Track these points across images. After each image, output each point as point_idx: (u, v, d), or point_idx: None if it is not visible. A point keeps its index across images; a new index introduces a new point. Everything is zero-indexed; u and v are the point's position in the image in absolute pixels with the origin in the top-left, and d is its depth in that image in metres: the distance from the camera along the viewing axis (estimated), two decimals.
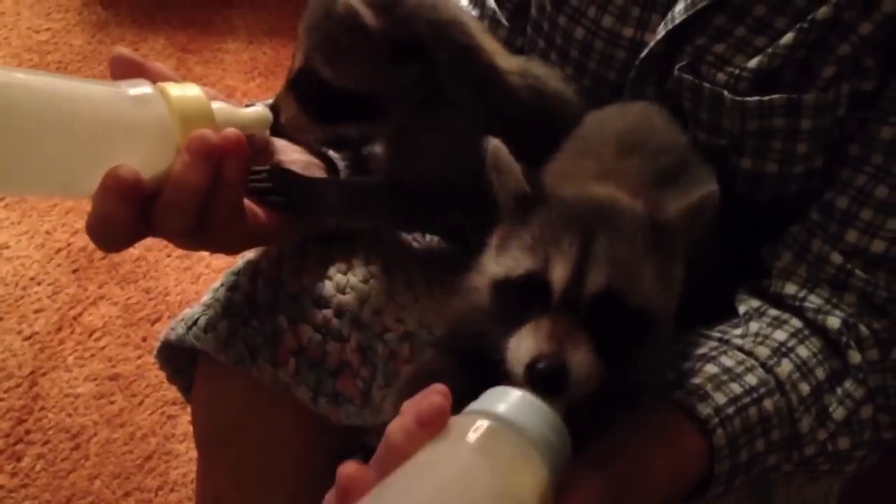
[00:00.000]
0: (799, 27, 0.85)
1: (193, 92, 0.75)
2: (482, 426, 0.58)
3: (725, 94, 0.89)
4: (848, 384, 0.85)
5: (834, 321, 0.86)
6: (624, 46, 0.97)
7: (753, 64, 0.88)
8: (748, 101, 0.88)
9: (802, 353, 0.85)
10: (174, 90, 0.74)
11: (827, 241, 0.88)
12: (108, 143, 0.71)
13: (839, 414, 0.83)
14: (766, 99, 0.87)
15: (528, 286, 0.69)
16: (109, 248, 0.74)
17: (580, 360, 0.66)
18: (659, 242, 0.71)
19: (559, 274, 0.68)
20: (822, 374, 0.84)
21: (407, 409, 0.60)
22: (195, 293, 1.98)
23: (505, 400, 0.60)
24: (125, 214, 0.70)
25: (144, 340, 1.90)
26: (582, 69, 1.00)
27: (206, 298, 0.96)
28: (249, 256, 0.96)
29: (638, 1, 0.95)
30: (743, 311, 0.90)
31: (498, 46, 0.93)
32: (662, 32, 0.92)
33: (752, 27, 0.89)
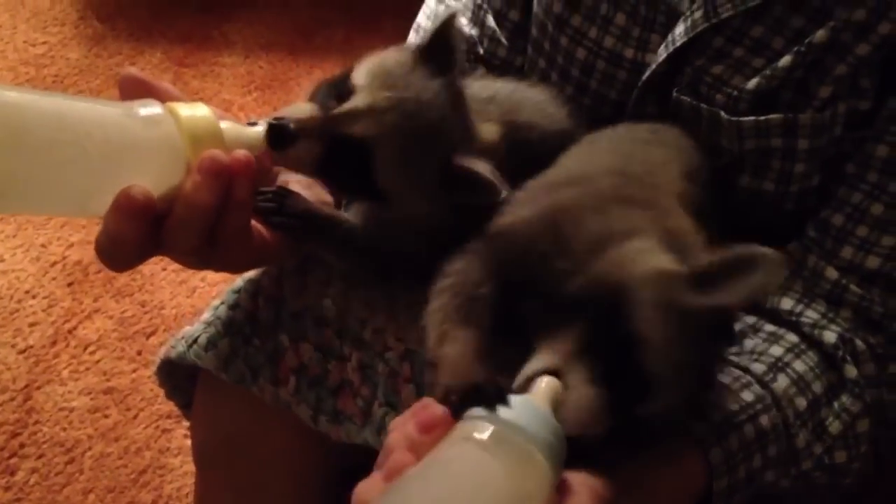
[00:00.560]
0: (796, 50, 0.87)
1: (202, 112, 0.76)
2: (489, 428, 0.60)
3: (722, 114, 0.90)
4: (844, 398, 0.86)
5: (830, 335, 0.87)
6: (625, 67, 0.98)
7: (752, 85, 0.89)
8: (744, 120, 0.90)
9: (799, 367, 0.86)
10: (184, 110, 0.75)
11: (823, 257, 0.90)
12: (119, 163, 0.71)
13: (835, 428, 0.85)
14: (762, 119, 0.89)
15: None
16: (118, 266, 0.74)
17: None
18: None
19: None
20: (818, 388, 0.85)
21: (404, 419, 0.62)
22: (190, 307, 1.98)
23: (508, 405, 0.62)
24: (136, 233, 0.71)
25: (139, 354, 1.90)
26: (583, 88, 1.01)
27: (206, 316, 0.96)
28: (250, 275, 0.97)
29: (638, 21, 0.96)
30: (738, 328, 0.91)
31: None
32: (664, 54, 0.93)
33: (749, 48, 0.90)
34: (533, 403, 0.63)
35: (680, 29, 0.92)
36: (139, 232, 0.71)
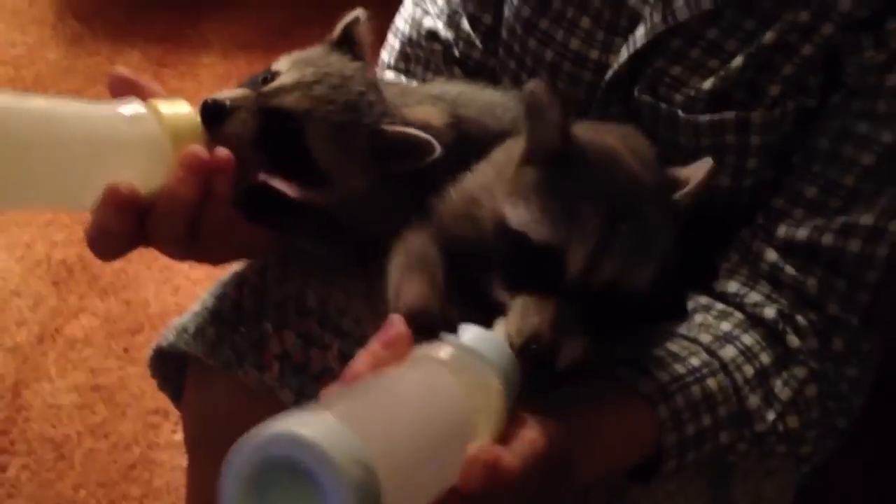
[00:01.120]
0: (748, 52, 0.91)
1: (183, 109, 0.80)
2: (449, 349, 0.65)
3: (679, 113, 0.94)
4: (791, 366, 0.90)
5: (770, 311, 0.91)
6: (590, 68, 1.01)
7: (707, 85, 0.93)
8: (700, 119, 0.94)
9: (746, 340, 0.90)
10: (165, 108, 0.78)
11: (763, 239, 0.93)
12: (104, 161, 0.75)
13: (785, 394, 0.88)
14: (717, 117, 0.93)
15: (542, 257, 0.73)
16: (107, 256, 0.79)
17: (571, 349, 0.72)
18: (667, 217, 0.76)
19: (576, 258, 0.72)
20: (766, 358, 0.89)
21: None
22: (175, 304, 2.01)
23: (469, 333, 0.67)
24: (123, 226, 0.75)
25: (126, 351, 1.93)
26: None
27: (195, 307, 1.00)
28: (235, 267, 1.00)
29: (602, 25, 0.99)
30: (691, 307, 0.95)
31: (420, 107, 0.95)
32: (626, 55, 0.97)
33: (705, 50, 0.94)
34: (492, 335, 0.68)
35: (640, 31, 0.95)
36: (126, 224, 0.76)
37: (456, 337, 0.67)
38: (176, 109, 0.79)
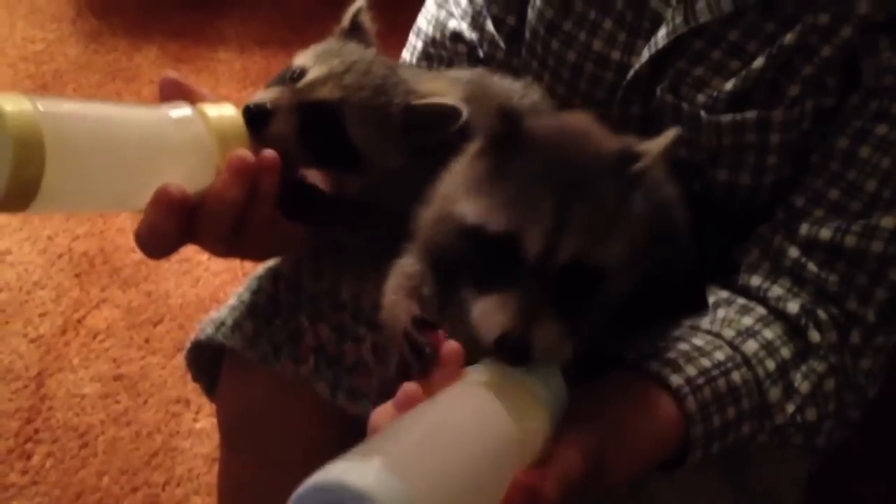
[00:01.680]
0: (768, 52, 0.93)
1: (229, 112, 0.84)
2: (498, 374, 0.68)
3: (702, 113, 0.97)
4: (811, 361, 0.92)
5: (794, 306, 0.94)
6: (612, 69, 1.04)
7: (729, 86, 0.96)
8: (723, 118, 0.96)
9: (768, 335, 0.92)
10: (212, 111, 0.82)
11: (786, 236, 0.96)
12: (155, 163, 0.79)
13: (804, 388, 0.91)
14: (738, 117, 0.96)
15: (501, 247, 0.73)
16: (155, 254, 0.83)
17: (544, 334, 0.71)
18: (624, 189, 0.76)
19: (533, 242, 0.72)
20: (786, 352, 0.92)
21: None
22: (195, 296, 2.05)
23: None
24: (172, 225, 0.79)
25: (147, 342, 1.97)
26: (573, 88, 1.07)
27: (232, 302, 1.04)
28: (270, 263, 1.04)
29: (624, 27, 1.02)
30: (713, 300, 0.98)
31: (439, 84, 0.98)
32: (647, 56, 0.99)
33: (726, 51, 0.97)
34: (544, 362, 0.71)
35: (662, 32, 0.98)
36: (175, 224, 0.79)
37: (506, 364, 0.70)
38: (222, 112, 0.83)
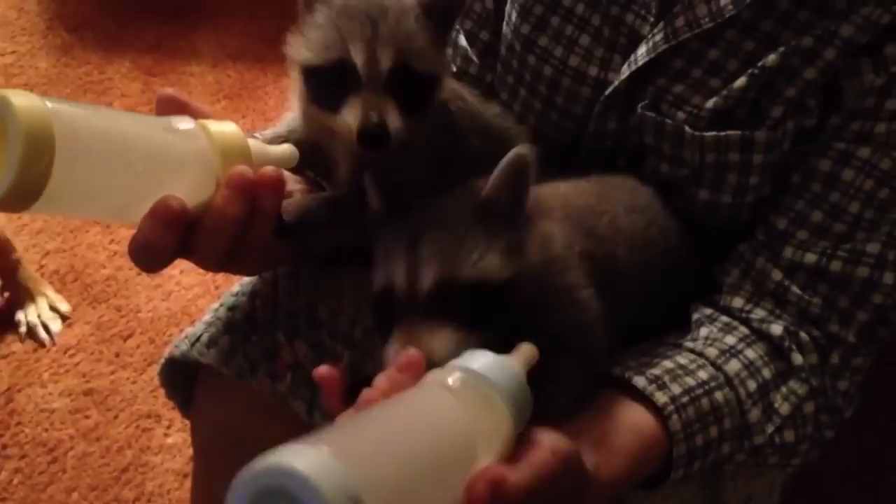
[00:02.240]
0: (750, 72, 0.94)
1: (231, 128, 0.82)
2: (457, 375, 0.67)
3: (686, 129, 0.98)
4: (792, 383, 0.93)
5: (777, 328, 0.95)
6: (589, 84, 1.05)
7: (710, 104, 0.97)
8: (706, 135, 0.97)
9: (750, 354, 0.93)
10: (214, 126, 0.80)
11: (769, 258, 0.97)
12: (159, 174, 0.77)
13: (784, 409, 0.92)
14: (722, 134, 0.96)
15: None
16: (149, 268, 0.81)
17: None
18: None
19: (400, 280, 0.79)
20: (767, 373, 0.93)
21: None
22: (166, 310, 2.04)
23: (478, 359, 0.70)
24: (169, 239, 0.77)
25: (117, 356, 1.95)
26: (550, 104, 1.08)
27: (207, 317, 1.03)
28: (247, 279, 1.04)
29: (601, 42, 1.03)
30: (695, 318, 0.98)
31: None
32: (626, 73, 1.00)
33: (707, 69, 0.98)
34: (502, 359, 0.70)
35: (642, 50, 0.99)
36: (172, 238, 0.78)
37: (466, 362, 0.70)
38: (224, 128, 0.82)
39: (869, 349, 0.98)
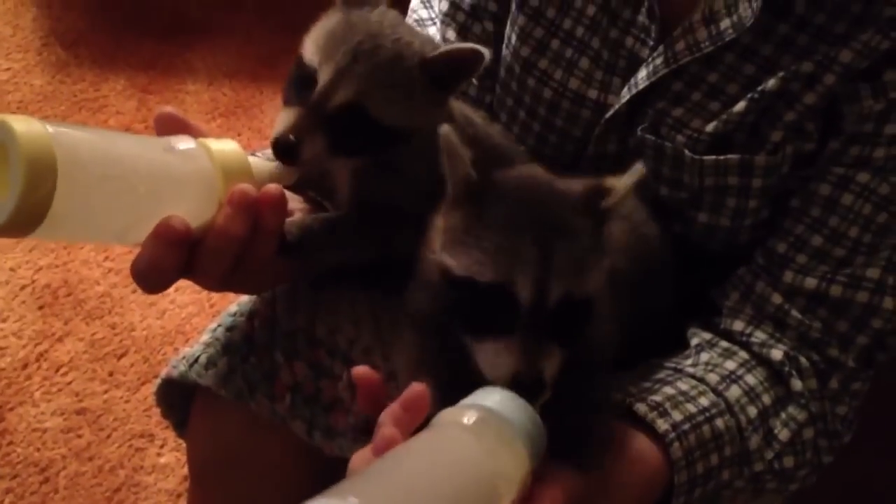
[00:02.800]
0: (750, 97, 0.95)
1: (232, 147, 0.82)
2: (473, 415, 0.67)
3: (686, 152, 0.98)
4: (791, 409, 0.94)
5: (777, 353, 0.95)
6: (589, 107, 1.05)
7: (710, 128, 0.97)
8: (706, 159, 0.97)
9: (750, 380, 0.94)
10: (215, 145, 0.81)
11: (769, 283, 0.97)
12: (160, 195, 0.77)
13: (784, 435, 0.92)
14: (721, 158, 0.97)
15: (492, 295, 0.74)
16: (152, 289, 0.80)
17: (551, 367, 0.74)
18: (597, 223, 0.78)
19: (525, 290, 0.73)
20: (767, 399, 0.93)
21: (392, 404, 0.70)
22: (160, 328, 2.03)
23: (492, 396, 0.70)
24: (173, 260, 0.77)
25: (111, 375, 1.94)
26: (549, 126, 1.08)
27: (205, 338, 1.02)
28: (244, 299, 1.03)
29: (601, 65, 1.04)
30: (695, 342, 0.99)
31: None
32: (627, 96, 1.01)
33: (706, 93, 0.98)
34: (516, 396, 0.70)
35: (642, 74, 1.00)
36: (175, 259, 0.78)
37: (479, 399, 0.69)
38: (224, 147, 0.82)
39: (867, 374, 0.98)
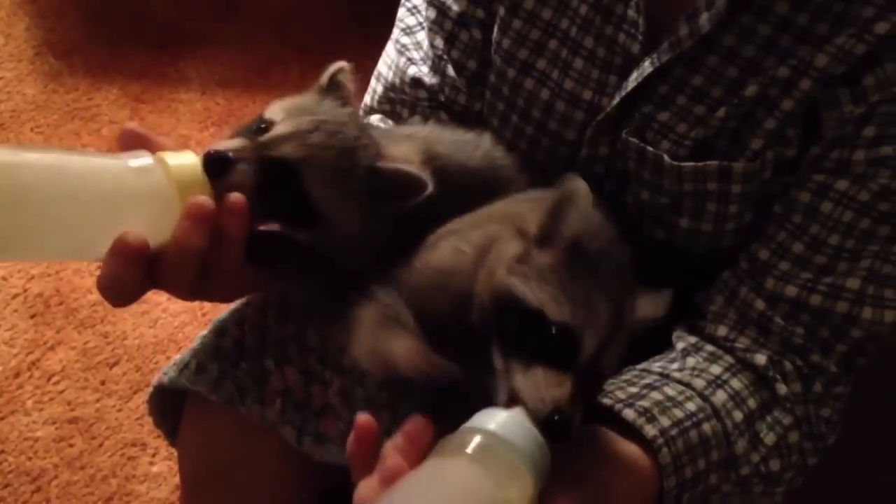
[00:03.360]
0: (731, 102, 0.95)
1: (189, 160, 0.82)
2: (477, 440, 0.67)
3: (665, 157, 0.98)
4: (777, 412, 0.94)
5: (761, 358, 0.95)
6: (583, 108, 1.05)
7: (693, 134, 0.97)
8: (685, 165, 0.98)
9: (735, 385, 0.94)
10: (171, 159, 0.81)
11: (752, 288, 0.98)
12: (114, 212, 0.78)
13: (770, 439, 0.93)
14: (700, 165, 0.97)
15: (557, 334, 0.76)
16: (119, 303, 0.81)
17: (580, 417, 0.76)
18: None
19: (590, 343, 0.77)
20: (753, 403, 0.94)
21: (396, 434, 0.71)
22: (153, 337, 2.03)
23: (495, 419, 0.70)
24: (133, 274, 0.78)
25: (103, 384, 1.93)
26: (543, 129, 1.08)
27: (195, 344, 1.02)
28: (234, 305, 1.03)
29: (597, 63, 1.03)
30: (681, 347, 0.99)
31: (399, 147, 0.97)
32: (618, 99, 1.01)
33: (691, 96, 0.98)
34: (520, 419, 0.70)
35: (633, 76, 0.99)
36: (136, 273, 0.79)
37: (483, 423, 0.70)
38: (181, 160, 0.82)
39: (849, 377, 0.99)
